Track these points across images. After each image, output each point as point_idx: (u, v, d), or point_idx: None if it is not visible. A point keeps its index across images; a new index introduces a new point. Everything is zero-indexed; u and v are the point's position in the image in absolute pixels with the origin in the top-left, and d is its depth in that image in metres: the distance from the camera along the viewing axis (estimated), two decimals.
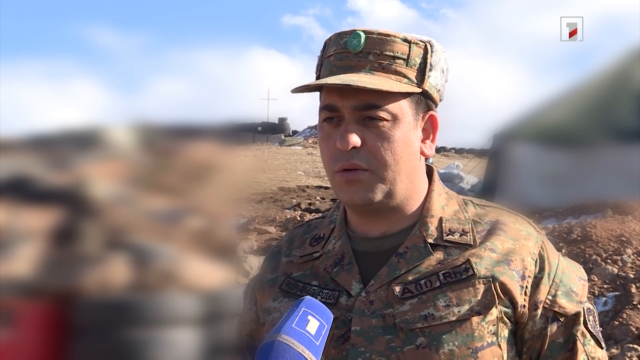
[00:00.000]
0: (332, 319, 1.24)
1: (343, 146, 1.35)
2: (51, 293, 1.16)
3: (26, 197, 1.22)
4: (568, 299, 1.40)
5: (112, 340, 1.17)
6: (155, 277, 1.17)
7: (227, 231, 1.30)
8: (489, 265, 1.37)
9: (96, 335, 1.18)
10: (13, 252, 1.18)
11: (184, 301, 1.21)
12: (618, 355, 6.00)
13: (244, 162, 1.50)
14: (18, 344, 1.16)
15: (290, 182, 18.26)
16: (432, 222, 1.42)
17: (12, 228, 1.20)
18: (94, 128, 1.33)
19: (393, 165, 1.37)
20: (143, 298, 1.18)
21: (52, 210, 1.21)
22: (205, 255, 1.25)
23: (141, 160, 1.29)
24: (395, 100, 1.37)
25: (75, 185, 1.23)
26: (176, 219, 1.24)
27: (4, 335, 1.14)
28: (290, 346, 1.15)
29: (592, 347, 1.41)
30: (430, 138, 1.44)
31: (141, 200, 1.24)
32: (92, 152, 1.29)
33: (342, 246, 1.44)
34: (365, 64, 1.37)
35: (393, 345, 1.33)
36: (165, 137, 1.33)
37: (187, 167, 1.30)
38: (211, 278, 1.24)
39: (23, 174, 1.25)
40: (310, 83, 1.39)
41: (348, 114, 1.36)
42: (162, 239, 1.22)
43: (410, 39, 1.39)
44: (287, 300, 1.44)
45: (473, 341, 1.33)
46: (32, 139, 1.33)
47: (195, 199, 1.27)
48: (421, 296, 1.35)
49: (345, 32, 1.41)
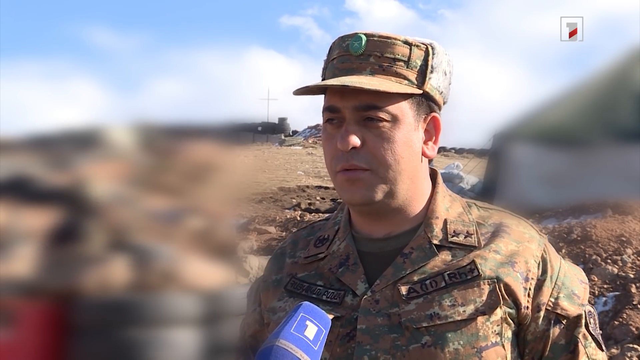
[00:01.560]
0: (330, 324, 1.25)
1: (343, 146, 1.37)
2: (51, 293, 1.16)
3: (26, 197, 1.22)
4: (570, 302, 1.42)
5: (112, 340, 1.18)
6: (155, 277, 1.17)
7: (227, 231, 1.30)
8: (493, 266, 1.38)
9: (96, 335, 1.18)
10: (13, 252, 1.18)
11: (184, 301, 1.22)
12: (618, 355, 6.01)
13: (244, 162, 1.50)
14: (18, 343, 1.16)
15: (290, 182, 18.26)
16: (437, 223, 1.43)
17: (12, 228, 1.20)
18: (94, 128, 1.33)
19: (394, 165, 1.38)
20: (143, 298, 1.18)
21: (52, 210, 1.21)
22: (205, 255, 1.25)
23: (141, 160, 1.29)
24: (396, 102, 1.38)
25: (75, 185, 1.23)
26: (176, 219, 1.24)
27: (4, 335, 1.15)
28: (288, 351, 1.16)
29: (593, 349, 1.42)
30: (433, 140, 1.45)
31: (141, 200, 1.24)
32: (92, 152, 1.29)
33: (346, 247, 1.45)
34: (366, 66, 1.39)
35: (399, 344, 1.34)
36: (165, 137, 1.33)
37: (187, 167, 1.30)
38: (211, 278, 1.24)
39: (23, 174, 1.25)
40: (310, 85, 1.40)
41: (349, 115, 1.38)
42: (162, 239, 1.22)
43: (411, 42, 1.41)
44: (292, 299, 1.45)
45: (478, 341, 1.34)
46: (32, 139, 1.33)
47: (195, 199, 1.27)
48: (427, 296, 1.36)
49: (347, 35, 1.42)
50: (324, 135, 1.44)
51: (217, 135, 1.34)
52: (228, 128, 1.34)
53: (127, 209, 1.19)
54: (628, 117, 12.03)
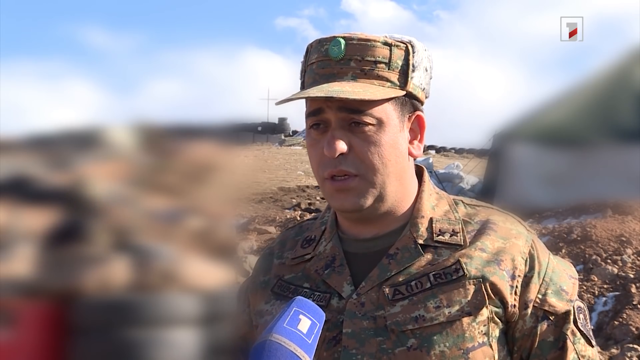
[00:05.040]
0: (324, 317, 1.25)
1: (330, 153, 1.36)
2: (51, 293, 1.16)
3: (26, 197, 1.22)
4: (558, 298, 1.41)
5: (112, 340, 1.17)
6: (155, 277, 1.17)
7: (227, 231, 1.30)
8: (479, 265, 1.37)
9: (96, 335, 1.18)
10: (13, 252, 1.17)
11: (184, 301, 1.21)
12: (618, 355, 6.00)
13: (244, 162, 1.50)
14: (18, 344, 1.16)
15: (290, 182, 18.25)
16: (422, 222, 1.42)
17: (12, 228, 1.20)
18: (94, 128, 1.33)
19: (381, 168, 1.38)
20: (143, 298, 1.18)
21: (52, 210, 1.21)
22: (205, 255, 1.25)
23: (141, 160, 1.29)
24: (379, 104, 1.37)
25: (75, 185, 1.23)
26: (176, 219, 1.24)
27: (4, 335, 1.14)
28: (282, 345, 1.16)
29: (582, 346, 1.41)
30: (418, 138, 1.45)
31: (141, 200, 1.24)
32: (92, 152, 1.29)
33: (333, 248, 1.45)
34: (348, 71, 1.37)
35: (384, 347, 1.34)
36: (165, 137, 1.33)
37: (187, 167, 1.30)
38: (211, 278, 1.24)
39: (23, 174, 1.25)
40: (293, 96, 1.39)
41: (334, 119, 1.37)
42: (162, 239, 1.22)
43: (390, 42, 1.39)
44: (279, 302, 1.44)
45: (464, 342, 1.33)
46: (31, 139, 1.33)
47: (195, 199, 1.27)
48: (412, 298, 1.36)
49: (325, 38, 1.41)
50: (308, 141, 1.42)
51: (217, 135, 1.34)
52: (228, 128, 1.34)
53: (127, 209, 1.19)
54: (628, 117, 12.03)
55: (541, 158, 11.88)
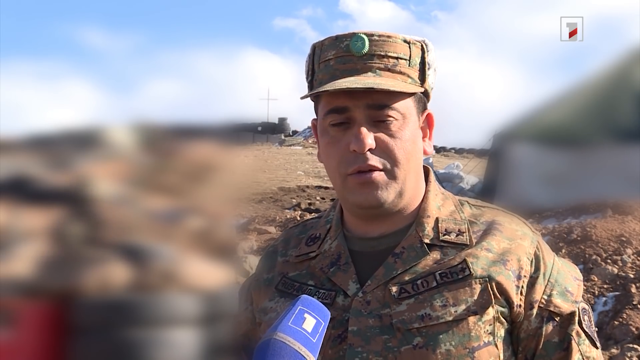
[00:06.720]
0: (329, 316, 1.24)
1: (360, 148, 1.35)
2: (51, 293, 1.16)
3: (26, 197, 1.22)
4: (563, 299, 1.41)
5: (112, 340, 1.17)
6: (155, 277, 1.17)
7: (227, 231, 1.30)
8: (485, 265, 1.37)
9: (96, 335, 1.18)
10: (13, 252, 1.18)
11: (184, 301, 1.21)
12: (618, 355, 6.00)
13: (244, 162, 1.50)
14: (18, 344, 1.16)
15: (290, 182, 18.24)
16: (428, 222, 1.42)
17: (12, 228, 1.20)
18: (94, 128, 1.33)
19: (405, 163, 1.39)
20: (143, 298, 1.18)
21: (52, 210, 1.21)
22: (205, 255, 1.25)
23: (141, 160, 1.29)
24: (403, 99, 1.38)
25: (76, 185, 1.23)
26: (176, 219, 1.24)
27: (4, 335, 1.14)
28: (286, 344, 1.16)
29: (587, 347, 1.41)
30: (428, 136, 1.46)
31: (141, 200, 1.24)
32: (92, 152, 1.29)
33: (338, 246, 1.45)
34: (371, 66, 1.38)
35: (390, 345, 1.33)
36: (165, 137, 1.33)
37: (187, 167, 1.30)
38: (211, 278, 1.24)
39: (23, 174, 1.25)
40: (322, 88, 1.37)
41: (359, 115, 1.36)
42: (162, 239, 1.22)
43: (408, 40, 1.41)
44: (283, 300, 1.44)
45: (470, 341, 1.33)
46: (31, 139, 1.33)
47: (195, 199, 1.27)
48: (418, 296, 1.36)
49: (344, 35, 1.41)
50: (326, 139, 1.41)
51: (217, 135, 1.34)
52: (228, 128, 1.34)
53: (127, 209, 1.19)
54: (628, 117, 12.03)
55: (541, 158, 11.88)
